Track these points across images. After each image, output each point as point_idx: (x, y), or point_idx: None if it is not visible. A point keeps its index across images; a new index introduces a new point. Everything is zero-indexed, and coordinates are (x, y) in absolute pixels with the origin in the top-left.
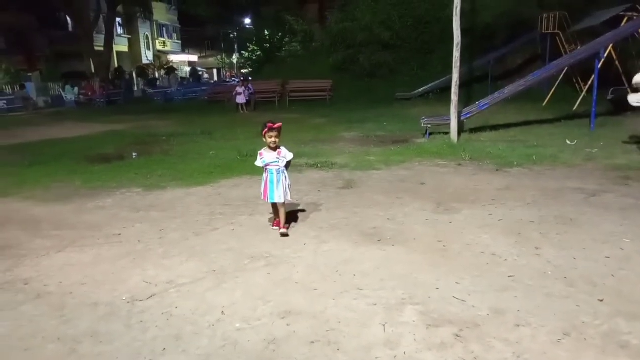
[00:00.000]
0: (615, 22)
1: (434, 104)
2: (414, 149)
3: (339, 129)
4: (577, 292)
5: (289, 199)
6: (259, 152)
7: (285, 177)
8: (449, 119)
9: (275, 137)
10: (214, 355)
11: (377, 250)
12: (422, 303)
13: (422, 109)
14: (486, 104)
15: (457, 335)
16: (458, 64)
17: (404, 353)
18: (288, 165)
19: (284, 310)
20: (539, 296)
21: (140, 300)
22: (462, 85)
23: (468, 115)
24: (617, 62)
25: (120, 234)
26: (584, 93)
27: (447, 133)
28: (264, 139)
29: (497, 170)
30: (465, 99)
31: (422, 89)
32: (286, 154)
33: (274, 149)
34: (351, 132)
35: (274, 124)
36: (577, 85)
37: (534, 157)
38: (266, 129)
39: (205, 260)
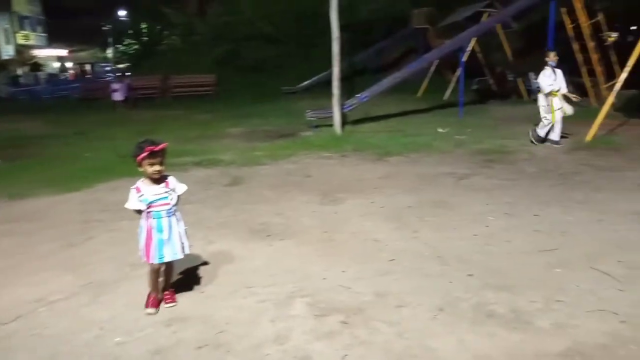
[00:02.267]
0: (478, 17)
1: (319, 97)
2: (300, 142)
3: (225, 125)
4: (450, 270)
5: (188, 251)
6: (133, 187)
7: (178, 219)
8: (332, 112)
9: (159, 164)
10: None
11: (267, 246)
12: (311, 294)
13: (307, 102)
14: (366, 96)
15: (344, 322)
16: (338, 58)
17: (293, 346)
18: (177, 202)
19: (169, 317)
20: (416, 277)
21: (4, 324)
22: (344, 79)
23: (350, 108)
24: (479, 55)
25: None
26: (452, 83)
27: (332, 125)
28: (141, 168)
29: (378, 159)
30: (348, 92)
31: (306, 82)
32: (176, 185)
33: (158, 181)
34: (237, 128)
35: (156, 145)
36: (446, 76)
37: (411, 146)
38: (144, 154)
39: (81, 272)
